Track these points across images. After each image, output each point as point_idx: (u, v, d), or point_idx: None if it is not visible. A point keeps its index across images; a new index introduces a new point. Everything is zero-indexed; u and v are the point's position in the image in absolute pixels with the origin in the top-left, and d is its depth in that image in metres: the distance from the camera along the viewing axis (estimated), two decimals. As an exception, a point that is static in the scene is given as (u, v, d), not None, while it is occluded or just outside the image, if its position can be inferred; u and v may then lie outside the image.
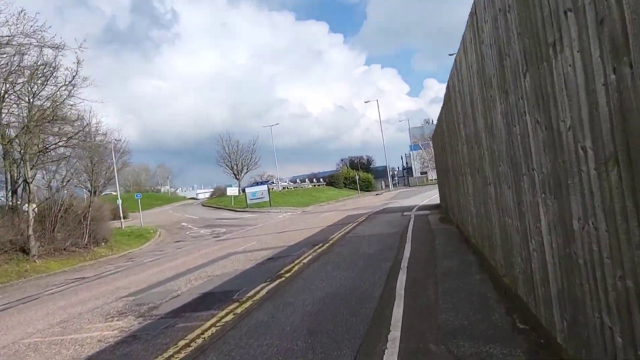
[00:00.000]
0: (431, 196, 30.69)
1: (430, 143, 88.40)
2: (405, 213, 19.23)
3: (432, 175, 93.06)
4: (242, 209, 38.96)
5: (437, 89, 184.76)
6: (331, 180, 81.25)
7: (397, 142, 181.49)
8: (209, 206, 45.96)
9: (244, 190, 40.64)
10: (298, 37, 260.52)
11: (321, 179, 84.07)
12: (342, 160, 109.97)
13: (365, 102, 64.36)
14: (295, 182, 77.85)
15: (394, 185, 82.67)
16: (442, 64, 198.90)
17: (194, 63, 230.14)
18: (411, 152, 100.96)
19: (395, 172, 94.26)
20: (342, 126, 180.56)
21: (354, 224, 17.51)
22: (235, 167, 50.62)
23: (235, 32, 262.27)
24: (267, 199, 39.12)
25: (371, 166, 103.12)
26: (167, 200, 60.93)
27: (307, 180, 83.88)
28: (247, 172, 51.68)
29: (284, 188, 64.33)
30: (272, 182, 62.67)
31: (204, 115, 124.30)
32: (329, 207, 37.01)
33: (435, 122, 16.45)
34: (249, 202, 39.12)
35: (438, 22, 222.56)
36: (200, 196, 72.95)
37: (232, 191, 41.77)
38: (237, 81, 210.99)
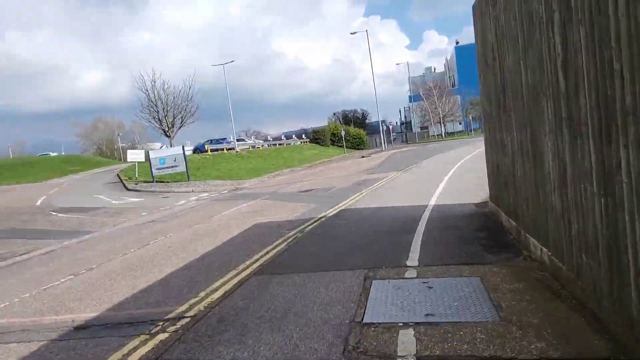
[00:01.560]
0: (448, 169, 16.28)
1: (434, 91, 73.04)
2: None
3: (434, 130, 77.78)
4: (141, 185, 24.69)
5: (436, 41, 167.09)
6: (315, 137, 65.78)
7: (396, 97, 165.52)
8: (117, 179, 31.56)
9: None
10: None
11: (303, 136, 68.75)
12: (334, 114, 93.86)
13: (352, 33, 48.77)
14: (266, 139, 62.74)
15: (390, 142, 67.67)
16: (441, 15, 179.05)
17: (185, 14, 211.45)
18: (410, 104, 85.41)
19: (392, 127, 78.71)
20: (339, 80, 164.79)
21: None
22: (164, 120, 35.64)
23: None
24: (182, 168, 24.76)
25: (367, 121, 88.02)
26: (91, 165, 46.58)
27: (294, 137, 67.76)
28: (180, 127, 36.71)
29: (251, 147, 49.82)
30: (229, 142, 48.09)
31: (196, 69, 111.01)
32: (278, 181, 22.79)
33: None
34: (154, 172, 24.75)
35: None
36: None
37: (135, 156, 27.19)
38: (230, 33, 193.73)
